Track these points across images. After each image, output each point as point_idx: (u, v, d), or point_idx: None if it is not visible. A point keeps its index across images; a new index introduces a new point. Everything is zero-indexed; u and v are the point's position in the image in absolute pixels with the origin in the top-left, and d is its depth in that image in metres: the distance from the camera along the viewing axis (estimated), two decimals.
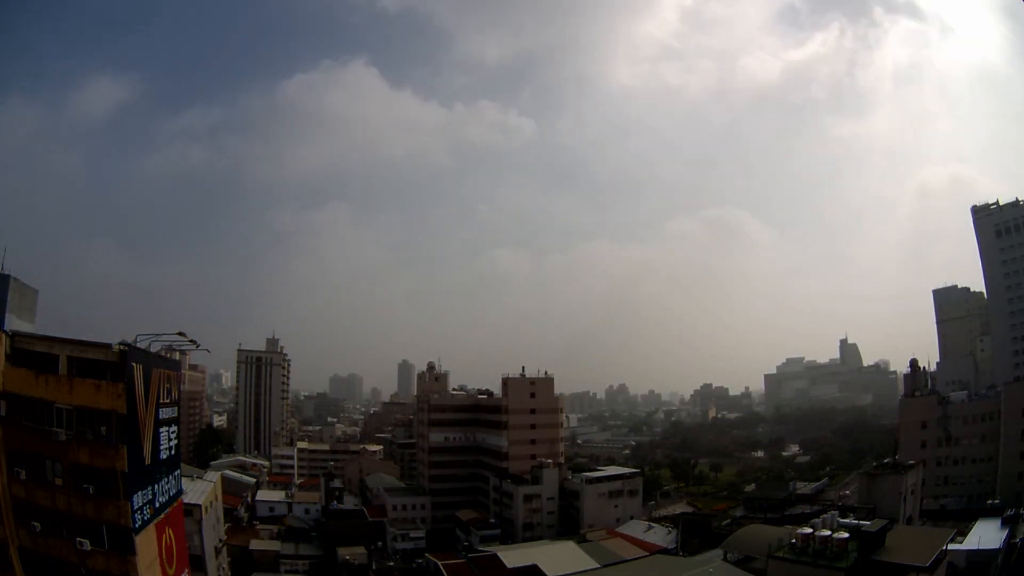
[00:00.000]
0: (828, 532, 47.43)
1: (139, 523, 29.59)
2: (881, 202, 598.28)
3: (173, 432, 35.76)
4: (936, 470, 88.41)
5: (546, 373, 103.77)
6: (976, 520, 61.38)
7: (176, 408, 36.49)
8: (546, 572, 59.99)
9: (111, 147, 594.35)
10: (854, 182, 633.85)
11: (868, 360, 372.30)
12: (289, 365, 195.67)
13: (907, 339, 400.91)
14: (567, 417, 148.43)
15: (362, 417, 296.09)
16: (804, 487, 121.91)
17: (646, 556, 65.05)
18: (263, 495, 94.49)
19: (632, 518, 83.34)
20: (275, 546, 73.22)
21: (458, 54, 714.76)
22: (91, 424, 28.46)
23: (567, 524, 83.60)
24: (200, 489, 51.75)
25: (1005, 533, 54.69)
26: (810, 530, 48.48)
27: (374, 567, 71.26)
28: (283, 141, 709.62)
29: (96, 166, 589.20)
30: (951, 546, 50.09)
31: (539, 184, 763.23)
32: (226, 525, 63.89)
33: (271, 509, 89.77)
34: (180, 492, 38.44)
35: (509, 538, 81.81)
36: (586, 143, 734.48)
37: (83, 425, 28.43)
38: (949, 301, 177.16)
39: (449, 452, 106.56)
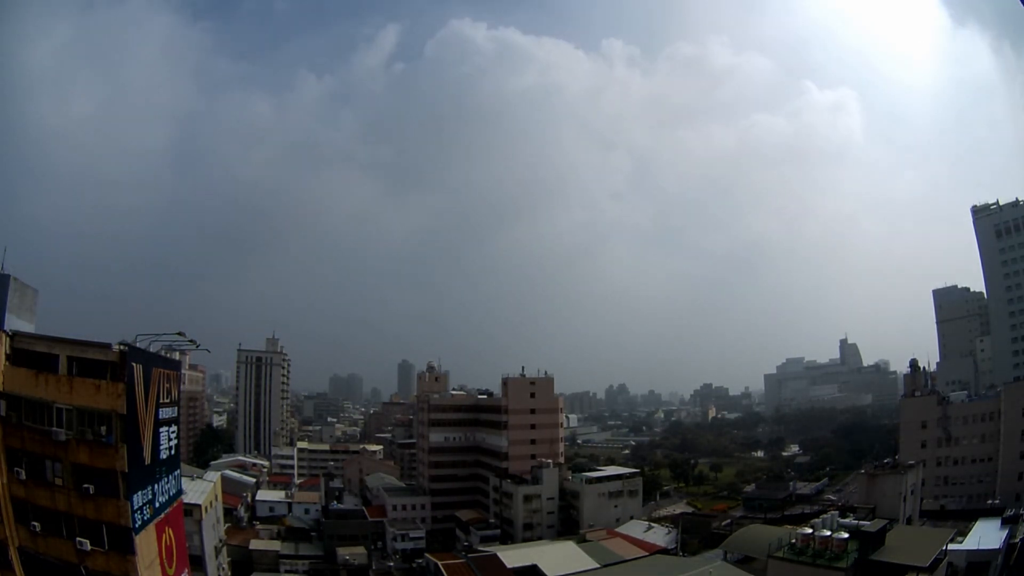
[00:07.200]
0: (828, 532, 47.41)
1: (139, 523, 29.62)
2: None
3: (173, 432, 35.79)
4: (936, 470, 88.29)
5: (546, 373, 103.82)
6: (976, 520, 61.38)
7: (176, 408, 36.52)
8: (546, 572, 60.05)
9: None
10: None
11: (868, 360, 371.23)
12: (289, 365, 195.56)
13: (907, 339, 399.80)
14: (567, 417, 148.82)
15: (362, 417, 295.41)
16: (804, 487, 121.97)
17: (646, 556, 65.05)
18: (263, 495, 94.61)
19: (632, 518, 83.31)
20: (275, 546, 73.36)
21: None
22: (91, 424, 28.49)
23: (567, 524, 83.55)
24: (200, 489, 51.82)
25: (1005, 533, 54.64)
26: (810, 530, 48.46)
27: (374, 567, 71.45)
28: None
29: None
30: (951, 546, 50.10)
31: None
32: (226, 525, 64.03)
33: (271, 509, 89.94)
34: (180, 492, 38.48)
35: (509, 538, 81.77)
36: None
37: (83, 425, 28.45)
38: (949, 301, 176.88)
39: (449, 452, 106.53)
